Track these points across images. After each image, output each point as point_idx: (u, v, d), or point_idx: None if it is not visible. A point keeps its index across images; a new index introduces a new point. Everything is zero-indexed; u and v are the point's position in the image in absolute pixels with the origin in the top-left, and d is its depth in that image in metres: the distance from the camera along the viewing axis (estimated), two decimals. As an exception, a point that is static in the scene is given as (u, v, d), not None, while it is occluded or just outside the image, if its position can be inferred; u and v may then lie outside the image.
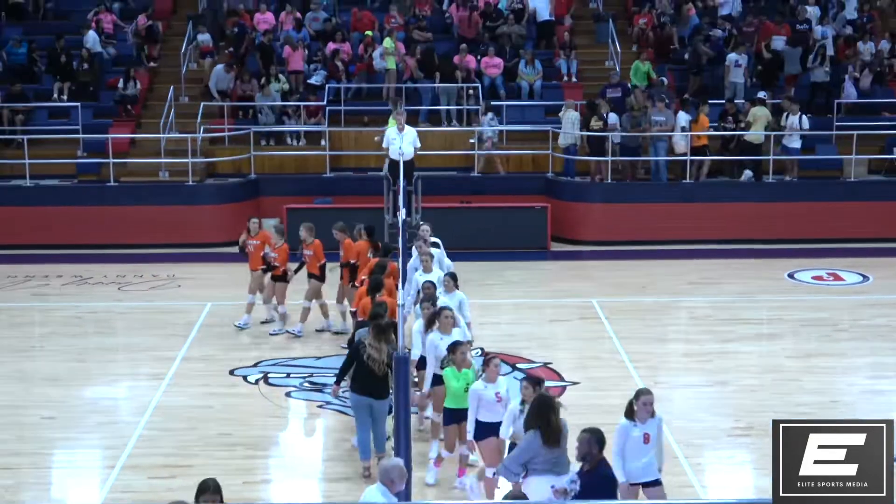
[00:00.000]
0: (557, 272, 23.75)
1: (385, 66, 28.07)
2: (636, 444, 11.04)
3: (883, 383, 17.04)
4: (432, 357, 13.41)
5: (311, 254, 18.73)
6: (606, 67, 29.72)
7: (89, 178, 26.48)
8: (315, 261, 18.72)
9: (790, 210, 25.24)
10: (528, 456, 10.69)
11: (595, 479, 10.07)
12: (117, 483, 13.44)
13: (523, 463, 10.76)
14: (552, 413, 10.78)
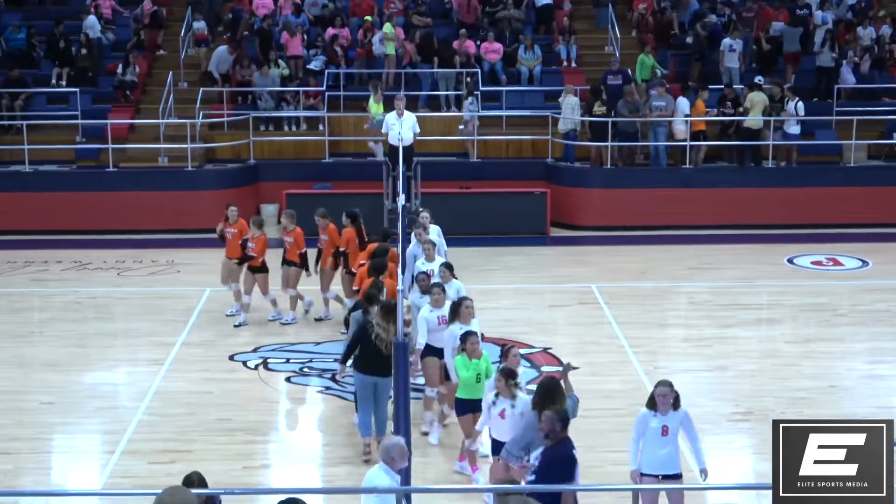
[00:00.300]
0: (557, 257, 23.75)
1: (384, 52, 28.03)
2: (654, 434, 11.01)
3: (882, 368, 17.05)
4: (450, 348, 13.34)
5: (292, 241, 18.60)
6: (606, 53, 29.68)
7: (88, 164, 26.45)
8: (295, 248, 18.61)
9: (790, 195, 25.22)
10: (531, 438, 10.75)
11: (556, 456, 10.18)
12: (117, 468, 13.46)
13: (525, 446, 10.81)
14: (558, 397, 10.90)
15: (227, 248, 19.03)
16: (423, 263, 15.90)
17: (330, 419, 15.22)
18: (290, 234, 18.68)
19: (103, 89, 28.16)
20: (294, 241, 18.65)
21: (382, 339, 13.20)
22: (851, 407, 15.28)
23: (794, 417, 14.82)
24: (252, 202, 25.68)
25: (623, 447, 13.51)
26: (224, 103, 27.30)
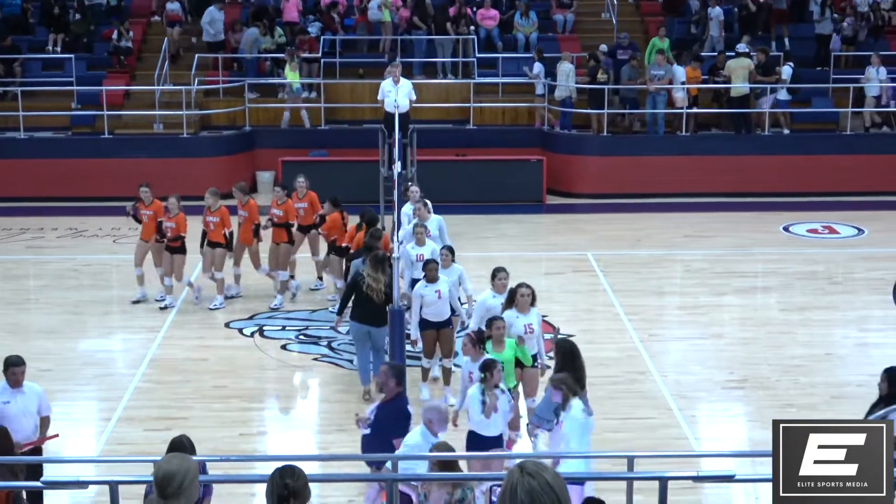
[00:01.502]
0: (552, 225, 23.75)
1: (381, 18, 27.93)
2: None
3: (876, 336, 17.10)
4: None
5: (218, 220, 17.77)
6: (603, 20, 29.59)
7: (83, 131, 26.39)
8: (220, 227, 17.75)
9: (786, 163, 25.22)
10: (557, 403, 10.87)
11: (389, 411, 10.46)
12: (113, 435, 13.51)
13: (555, 410, 10.94)
14: (577, 357, 11.09)
15: (142, 231, 18.27)
16: (412, 248, 15.66)
17: (325, 386, 15.27)
18: (216, 213, 17.86)
19: (98, 55, 28.06)
20: (220, 221, 17.82)
21: (373, 288, 13.93)
22: (845, 375, 15.34)
23: (788, 384, 14.93)
24: (248, 169, 25.65)
25: (619, 414, 13.60)
26: (219, 70, 27.22)
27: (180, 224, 17.78)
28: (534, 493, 4.03)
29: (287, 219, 18.20)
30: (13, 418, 10.69)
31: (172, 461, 5.86)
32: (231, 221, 17.99)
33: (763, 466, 12.22)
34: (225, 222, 17.80)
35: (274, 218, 18.21)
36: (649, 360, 15.81)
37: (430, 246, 15.70)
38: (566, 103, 25.90)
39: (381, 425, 10.49)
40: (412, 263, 15.46)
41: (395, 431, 10.39)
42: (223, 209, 17.91)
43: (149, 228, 18.14)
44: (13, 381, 10.88)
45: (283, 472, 6.34)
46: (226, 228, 17.82)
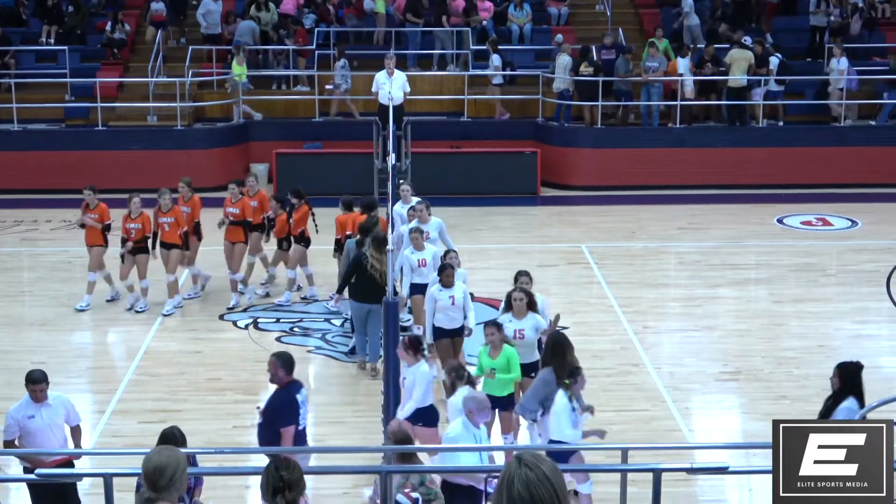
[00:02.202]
0: (547, 217, 23.76)
1: (374, 9, 27.92)
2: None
3: (870, 328, 17.14)
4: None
5: (172, 220, 17.30)
6: (597, 12, 29.58)
7: (77, 123, 26.35)
8: (175, 227, 17.30)
9: (779, 155, 25.24)
10: (545, 393, 10.88)
11: (278, 400, 10.56)
12: (107, 427, 13.51)
13: (540, 401, 10.95)
14: (567, 351, 11.05)
15: (87, 237, 17.69)
16: (411, 252, 15.19)
17: (319, 378, 15.28)
18: (170, 213, 17.37)
19: (92, 47, 28.02)
20: (175, 221, 17.32)
21: (377, 268, 14.48)
22: (839, 367, 15.34)
23: (781, 376, 14.96)
24: (242, 161, 25.62)
25: (613, 407, 13.62)
26: (213, 62, 27.17)
27: (145, 224, 17.31)
28: (531, 485, 4.03)
29: (244, 216, 17.71)
30: (39, 433, 10.32)
31: (163, 453, 5.87)
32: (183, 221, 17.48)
33: (757, 458, 12.27)
34: (179, 222, 17.32)
35: (230, 216, 17.70)
36: (643, 352, 15.83)
37: (431, 250, 15.26)
38: (564, 96, 25.88)
39: (270, 414, 10.59)
40: (412, 269, 15.11)
41: (282, 420, 10.50)
42: (177, 209, 17.47)
43: (95, 233, 17.58)
44: (35, 397, 10.45)
45: (278, 465, 6.36)
46: (181, 228, 17.35)
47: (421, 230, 15.41)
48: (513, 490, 4.03)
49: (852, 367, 10.52)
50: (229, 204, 17.78)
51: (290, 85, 27.36)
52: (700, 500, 11.78)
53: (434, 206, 17.83)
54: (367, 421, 13.31)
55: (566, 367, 10.99)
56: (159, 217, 17.40)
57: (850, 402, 10.24)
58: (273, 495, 6.25)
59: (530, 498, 4.01)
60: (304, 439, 10.73)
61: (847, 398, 10.26)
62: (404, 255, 15.14)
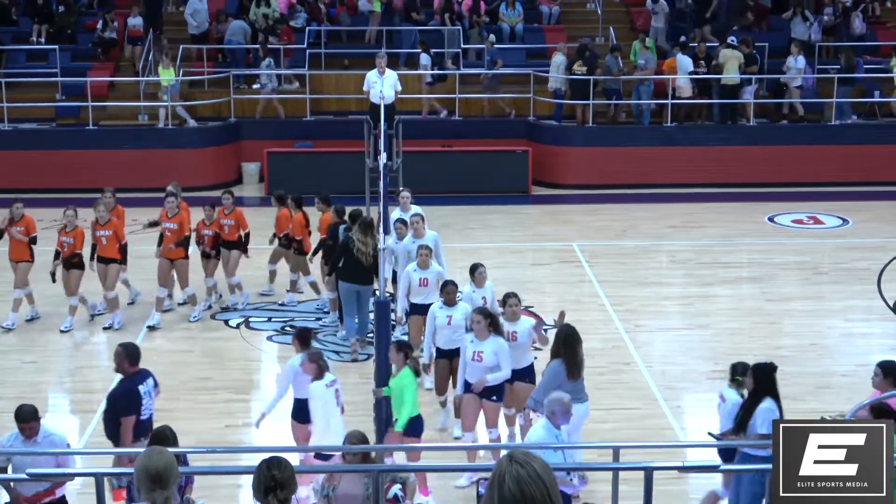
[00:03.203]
0: (538, 216, 23.76)
1: (370, 9, 27.91)
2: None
3: (862, 326, 17.16)
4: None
5: (110, 234, 16.66)
6: (588, 10, 29.59)
7: (68, 122, 26.31)
8: (114, 241, 16.72)
9: (771, 154, 25.27)
10: (555, 386, 10.98)
11: (120, 390, 10.74)
12: (98, 427, 13.45)
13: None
14: (578, 345, 11.14)
15: (12, 251, 17.00)
16: (415, 271, 14.43)
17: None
18: (108, 226, 16.73)
19: (83, 46, 27.96)
20: (113, 234, 16.71)
21: (363, 251, 15.16)
22: (831, 365, 15.39)
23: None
24: (233, 160, 25.62)
25: (605, 405, 13.61)
26: (204, 60, 27.14)
27: (77, 239, 16.62)
28: (522, 482, 4.02)
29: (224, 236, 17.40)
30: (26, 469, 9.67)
31: (164, 453, 5.92)
32: (124, 234, 17.06)
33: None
34: (119, 235, 16.78)
35: (205, 239, 17.35)
36: (635, 350, 15.84)
37: (435, 268, 14.54)
38: (557, 95, 25.87)
39: (111, 404, 10.80)
40: (413, 288, 14.37)
41: (122, 410, 10.65)
42: (115, 222, 16.80)
43: (20, 248, 16.87)
44: (25, 434, 9.87)
45: (270, 464, 6.34)
46: (120, 241, 16.78)
47: (428, 247, 14.63)
48: (504, 488, 4.02)
49: (766, 368, 10.58)
50: (203, 227, 17.36)
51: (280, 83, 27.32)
52: (692, 499, 11.77)
53: (426, 204, 17.85)
54: (358, 421, 13.24)
55: (577, 360, 11.24)
56: (97, 230, 16.72)
57: (769, 402, 10.31)
58: (265, 494, 6.23)
59: (521, 495, 4.00)
60: (149, 428, 10.73)
61: (764, 399, 10.32)
62: (408, 271, 14.49)
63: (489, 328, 11.96)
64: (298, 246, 17.57)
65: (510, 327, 12.50)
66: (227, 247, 17.49)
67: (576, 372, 11.26)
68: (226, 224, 17.48)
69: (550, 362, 11.42)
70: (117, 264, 16.82)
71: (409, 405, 11.28)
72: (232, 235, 17.47)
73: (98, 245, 16.78)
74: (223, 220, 17.48)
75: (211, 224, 17.40)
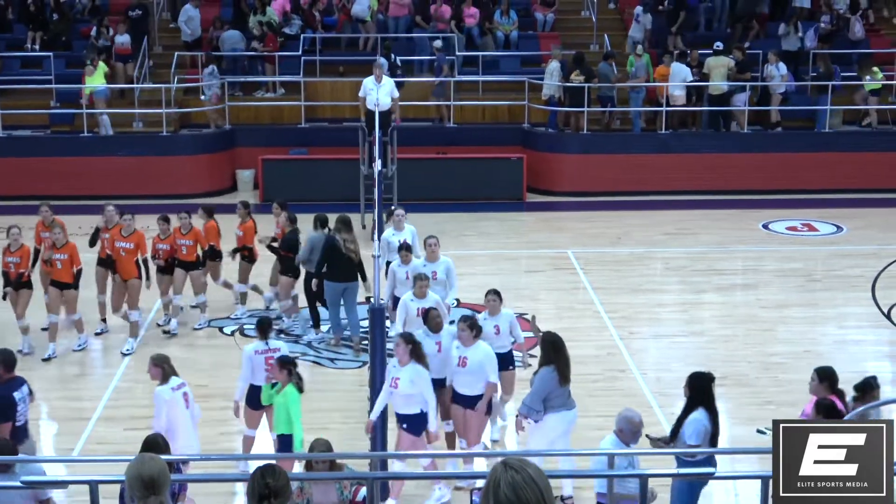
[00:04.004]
0: (533, 223, 23.78)
1: (365, 17, 27.93)
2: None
3: (855, 333, 17.18)
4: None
5: (66, 257, 15.90)
6: (583, 17, 29.62)
7: (62, 129, 26.28)
8: (69, 265, 15.92)
9: (765, 161, 25.30)
10: (546, 393, 11.03)
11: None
12: (93, 434, 13.47)
13: (543, 400, 11.11)
14: (566, 350, 11.21)
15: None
16: (412, 300, 13.61)
17: (306, 385, 15.21)
18: (64, 249, 15.91)
19: (77, 53, 27.92)
20: (68, 259, 15.85)
21: (352, 249, 15.64)
22: (825, 372, 15.36)
23: (767, 381, 14.98)
24: (228, 168, 25.63)
25: (599, 412, 13.61)
26: (199, 67, 27.13)
27: (24, 258, 15.95)
28: (517, 487, 4.04)
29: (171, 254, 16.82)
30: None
31: (156, 460, 5.92)
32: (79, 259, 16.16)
33: (742, 464, 12.30)
34: (74, 259, 15.86)
35: (160, 253, 16.77)
36: (629, 357, 15.84)
37: (433, 297, 13.66)
38: (552, 102, 25.89)
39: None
40: (410, 318, 13.60)
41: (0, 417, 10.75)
42: (71, 245, 15.95)
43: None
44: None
45: (264, 472, 6.34)
46: (76, 266, 15.93)
47: (426, 276, 13.85)
48: (499, 493, 4.04)
49: (702, 378, 10.69)
50: (157, 241, 16.81)
51: (276, 90, 27.31)
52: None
53: (420, 212, 17.85)
54: (353, 427, 13.27)
55: (567, 367, 11.30)
56: (54, 254, 15.88)
57: (699, 412, 10.44)
58: (259, 502, 6.23)
59: (517, 501, 4.03)
60: (25, 434, 10.73)
61: (696, 409, 10.39)
62: (404, 300, 13.65)
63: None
64: (249, 254, 17.43)
65: (492, 322, 12.75)
66: (185, 268, 16.77)
67: (566, 376, 11.35)
68: (183, 244, 16.73)
69: (540, 369, 11.42)
70: (72, 289, 15.99)
71: (299, 424, 11.24)
72: (189, 256, 16.78)
73: (52, 269, 15.91)
74: (180, 241, 16.73)
75: (166, 238, 16.72)
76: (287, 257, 16.74)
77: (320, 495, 9.24)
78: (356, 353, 15.99)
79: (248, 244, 17.39)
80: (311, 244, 16.20)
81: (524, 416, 11.40)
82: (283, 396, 11.35)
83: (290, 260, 16.71)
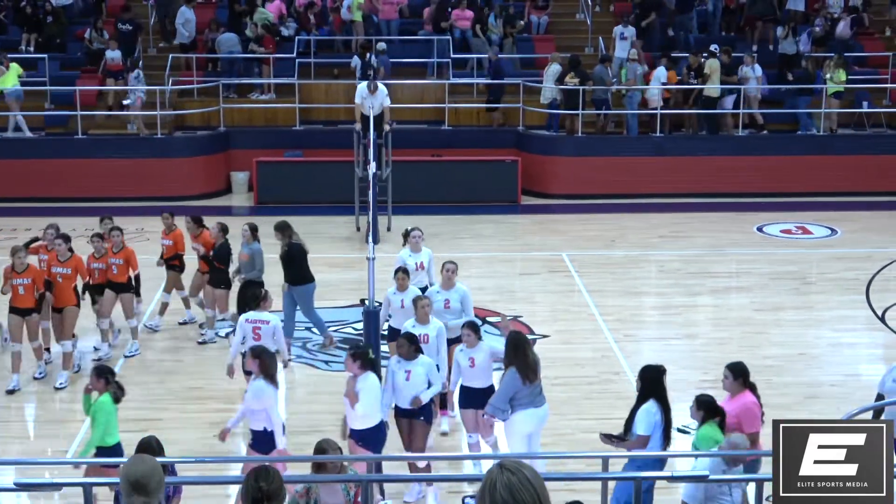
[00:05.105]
0: (528, 226, 23.78)
1: (352, 18, 27.94)
2: None
3: (849, 336, 17.18)
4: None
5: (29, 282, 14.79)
6: (577, 21, 29.64)
7: (57, 131, 26.27)
8: (32, 290, 14.78)
9: (760, 164, 25.31)
10: (512, 392, 11.07)
11: None
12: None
13: (509, 400, 11.16)
14: (528, 349, 11.24)
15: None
16: (414, 326, 12.61)
17: (300, 387, 15.23)
18: (25, 273, 14.76)
19: (72, 55, 27.93)
20: (31, 283, 14.78)
21: (306, 249, 15.74)
22: (819, 375, 15.41)
23: (762, 384, 14.93)
24: (222, 170, 25.62)
25: (594, 415, 13.62)
26: (193, 70, 27.13)
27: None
28: (513, 488, 4.05)
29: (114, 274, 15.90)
30: None
31: (146, 461, 5.87)
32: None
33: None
34: (37, 283, 14.86)
35: (95, 273, 15.98)
36: (624, 360, 15.85)
37: (436, 325, 12.72)
38: (552, 105, 25.89)
39: None
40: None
41: None
42: (32, 268, 14.98)
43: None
44: None
45: (258, 474, 6.33)
46: (37, 291, 14.91)
47: (427, 298, 12.96)
48: (496, 495, 4.05)
49: (653, 370, 10.95)
50: (93, 260, 16.08)
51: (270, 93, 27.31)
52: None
53: (415, 214, 17.82)
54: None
55: (529, 364, 11.33)
56: (13, 278, 14.78)
57: (650, 404, 10.68)
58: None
59: (513, 502, 4.04)
60: None
61: (647, 401, 10.63)
62: (405, 328, 12.66)
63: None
64: (179, 263, 17.18)
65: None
66: (115, 289, 15.81)
67: (531, 375, 11.35)
68: (114, 263, 15.78)
69: (506, 371, 11.44)
70: (36, 315, 14.99)
71: (101, 431, 11.01)
72: (121, 277, 15.84)
73: (14, 295, 14.86)
74: (111, 259, 15.78)
75: (100, 257, 15.91)
76: (219, 269, 16.32)
77: (327, 496, 9.25)
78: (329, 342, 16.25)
79: (179, 252, 17.05)
80: (252, 254, 15.47)
81: (490, 415, 11.48)
82: (98, 405, 11.08)
83: (222, 272, 16.29)
